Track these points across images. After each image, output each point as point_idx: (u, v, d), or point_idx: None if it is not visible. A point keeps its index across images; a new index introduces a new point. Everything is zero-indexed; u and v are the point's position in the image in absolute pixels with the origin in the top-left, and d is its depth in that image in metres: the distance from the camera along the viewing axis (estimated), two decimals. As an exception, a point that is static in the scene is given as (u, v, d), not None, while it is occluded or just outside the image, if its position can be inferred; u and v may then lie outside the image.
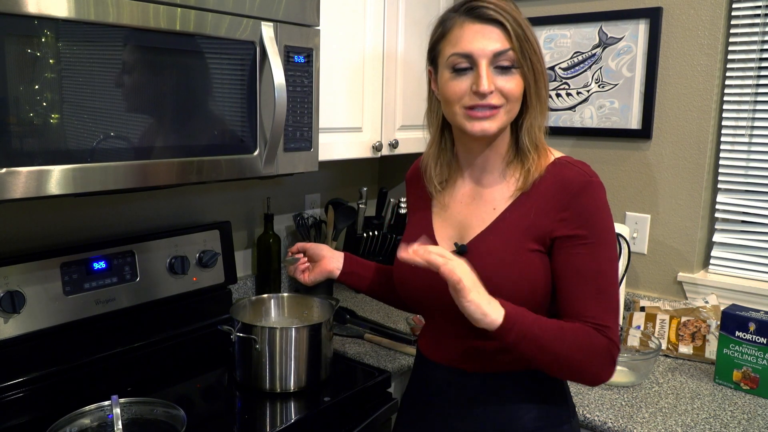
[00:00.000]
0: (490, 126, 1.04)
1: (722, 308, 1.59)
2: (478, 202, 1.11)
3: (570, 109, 2.03)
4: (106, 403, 1.24)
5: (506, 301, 1.00)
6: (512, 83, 1.03)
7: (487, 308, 0.96)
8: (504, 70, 1.02)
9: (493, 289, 0.99)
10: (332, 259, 1.36)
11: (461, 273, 0.95)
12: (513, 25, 1.01)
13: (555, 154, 1.10)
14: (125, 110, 1.15)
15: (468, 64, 1.03)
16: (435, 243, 1.12)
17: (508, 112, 1.05)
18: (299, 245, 1.41)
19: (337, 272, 1.35)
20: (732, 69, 1.78)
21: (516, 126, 1.09)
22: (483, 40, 1.02)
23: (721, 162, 1.82)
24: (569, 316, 1.03)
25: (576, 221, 1.03)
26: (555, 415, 1.11)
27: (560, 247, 1.03)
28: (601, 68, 1.95)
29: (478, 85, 1.01)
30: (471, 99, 1.03)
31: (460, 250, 1.07)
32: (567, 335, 1.00)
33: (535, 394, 1.10)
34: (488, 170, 1.11)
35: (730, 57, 1.77)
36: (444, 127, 1.15)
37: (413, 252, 0.97)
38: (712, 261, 1.86)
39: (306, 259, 1.39)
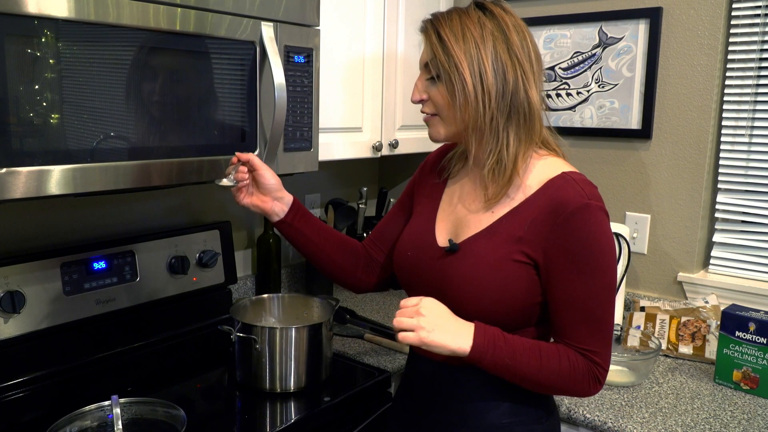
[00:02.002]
0: (432, 133, 1.12)
1: (722, 308, 1.59)
2: (480, 203, 1.11)
3: (570, 109, 2.03)
4: (106, 403, 1.24)
5: (488, 317, 1.03)
6: (437, 93, 1.08)
7: (453, 345, 1.00)
8: (433, 80, 1.08)
9: (475, 292, 1.04)
10: (276, 201, 1.24)
11: (420, 324, 1.00)
12: (435, 37, 1.05)
13: (565, 167, 1.07)
14: (125, 110, 1.15)
15: None
16: (434, 237, 1.14)
17: (443, 120, 1.09)
18: (247, 156, 1.22)
19: (276, 218, 1.25)
20: (732, 69, 1.78)
21: None
22: (422, 52, 1.10)
23: (721, 162, 1.82)
24: (557, 337, 1.06)
25: (566, 244, 1.01)
26: (526, 412, 1.11)
27: (550, 268, 1.03)
28: (601, 68, 1.95)
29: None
30: None
31: (452, 248, 1.09)
32: (544, 362, 1.02)
33: (505, 388, 1.09)
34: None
35: (730, 57, 1.77)
36: None
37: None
38: (712, 261, 1.86)
39: (247, 175, 1.24)
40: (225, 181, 1.23)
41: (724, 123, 1.80)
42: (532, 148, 1.08)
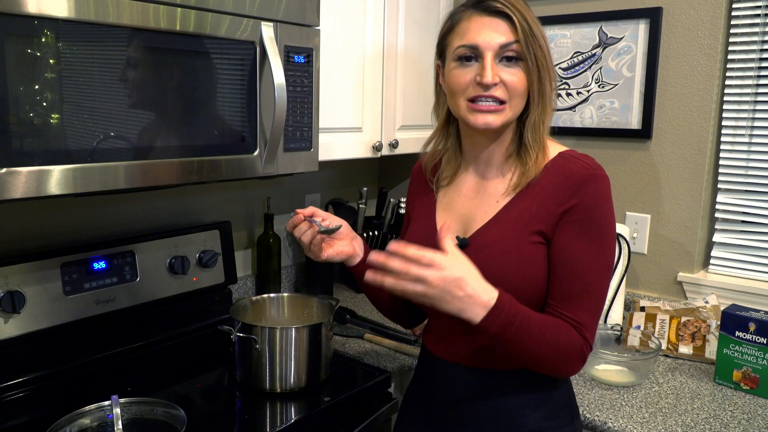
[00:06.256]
0: (494, 120, 1.04)
1: (722, 308, 1.59)
2: (482, 196, 1.11)
3: (570, 109, 2.03)
4: (106, 403, 1.24)
5: (506, 292, 0.98)
6: (516, 76, 1.03)
7: (461, 314, 0.94)
8: (509, 62, 1.04)
9: (493, 279, 0.98)
10: (354, 241, 1.21)
11: (432, 286, 0.91)
12: (519, 19, 1.02)
13: (560, 148, 1.10)
14: (125, 110, 1.15)
15: (473, 56, 1.04)
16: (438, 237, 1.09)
17: (513, 107, 1.05)
18: (311, 211, 1.18)
19: (357, 259, 1.21)
20: (732, 69, 1.78)
21: (520, 121, 1.09)
22: (490, 32, 1.03)
23: (721, 162, 1.82)
24: (550, 305, 1.03)
25: (576, 214, 1.02)
26: (558, 415, 1.11)
27: (558, 238, 1.03)
28: (601, 68, 1.95)
29: (482, 76, 1.02)
30: (475, 90, 1.04)
31: (462, 244, 1.06)
32: (547, 332, 0.99)
33: (540, 393, 1.09)
34: (492, 164, 1.12)
35: (730, 57, 1.77)
36: (449, 122, 1.17)
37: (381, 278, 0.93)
38: (712, 261, 1.86)
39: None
40: (324, 225, 1.16)
41: (724, 123, 1.80)
42: None
